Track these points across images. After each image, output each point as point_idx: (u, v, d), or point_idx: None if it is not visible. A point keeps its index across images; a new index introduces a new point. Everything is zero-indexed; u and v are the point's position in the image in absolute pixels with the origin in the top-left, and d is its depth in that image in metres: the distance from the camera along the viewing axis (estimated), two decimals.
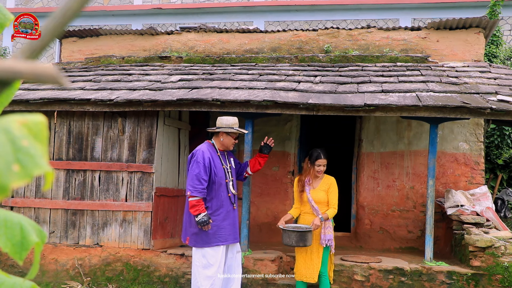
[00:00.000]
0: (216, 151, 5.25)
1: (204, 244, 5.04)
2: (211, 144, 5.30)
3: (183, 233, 5.25)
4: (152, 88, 6.66)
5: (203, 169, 5.01)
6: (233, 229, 5.20)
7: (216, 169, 5.13)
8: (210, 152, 5.17)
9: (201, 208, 4.95)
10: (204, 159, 5.04)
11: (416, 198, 7.51)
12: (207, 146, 5.24)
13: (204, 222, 4.93)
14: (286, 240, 5.12)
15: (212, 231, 5.02)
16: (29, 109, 6.40)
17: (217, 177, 5.12)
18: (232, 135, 5.25)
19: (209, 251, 5.04)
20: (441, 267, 5.85)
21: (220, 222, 5.09)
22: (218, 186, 5.13)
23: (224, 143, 5.26)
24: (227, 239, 5.11)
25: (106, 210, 6.49)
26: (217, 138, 5.29)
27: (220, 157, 5.24)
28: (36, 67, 0.69)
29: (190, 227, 5.10)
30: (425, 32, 8.11)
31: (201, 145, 5.27)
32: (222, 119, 5.27)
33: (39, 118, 0.71)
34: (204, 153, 5.09)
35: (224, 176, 5.20)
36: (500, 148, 10.08)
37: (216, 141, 5.29)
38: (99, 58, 8.68)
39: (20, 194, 6.73)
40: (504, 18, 13.66)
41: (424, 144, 7.44)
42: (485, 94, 6.06)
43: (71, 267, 6.44)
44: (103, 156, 6.60)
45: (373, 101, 5.79)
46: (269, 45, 8.55)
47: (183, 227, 5.25)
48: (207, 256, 5.04)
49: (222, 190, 5.17)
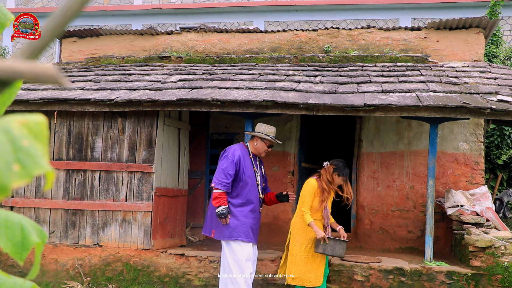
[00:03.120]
0: (249, 153, 5.41)
1: (225, 237, 5.19)
2: (245, 146, 5.49)
3: (207, 226, 5.40)
4: (152, 88, 6.66)
5: (231, 165, 5.19)
6: (255, 230, 5.33)
7: (246, 168, 5.29)
8: (242, 151, 5.34)
9: (223, 201, 5.15)
10: (234, 156, 5.24)
11: (416, 198, 7.51)
12: (240, 147, 5.45)
13: (223, 215, 5.12)
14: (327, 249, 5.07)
15: (233, 225, 5.18)
16: (29, 109, 6.40)
17: (245, 176, 5.27)
18: (266, 142, 5.43)
19: (234, 246, 5.18)
20: (441, 267, 5.85)
21: (242, 218, 5.22)
22: (245, 184, 5.27)
23: (257, 148, 5.43)
24: (248, 236, 5.22)
25: (106, 210, 6.49)
26: (252, 142, 5.49)
27: (252, 160, 5.40)
28: (36, 67, 0.69)
29: (217, 220, 5.25)
30: (425, 32, 8.10)
31: (235, 145, 5.51)
32: (261, 125, 5.47)
33: (39, 118, 0.71)
34: (236, 151, 5.29)
35: (254, 177, 5.35)
36: (500, 148, 10.08)
37: (251, 145, 5.48)
38: (99, 58, 8.68)
39: (20, 194, 6.73)
40: (504, 18, 13.65)
41: (424, 144, 7.44)
42: (485, 94, 6.06)
43: (71, 267, 6.44)
44: (103, 156, 6.60)
45: (373, 101, 5.79)
46: (269, 45, 8.55)
47: (208, 220, 5.40)
48: (234, 250, 5.17)
49: (251, 190, 5.31)
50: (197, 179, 8.10)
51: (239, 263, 5.14)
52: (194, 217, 7.99)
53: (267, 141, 5.43)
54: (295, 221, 5.34)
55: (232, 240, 5.18)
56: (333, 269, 5.96)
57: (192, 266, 6.24)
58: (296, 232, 5.28)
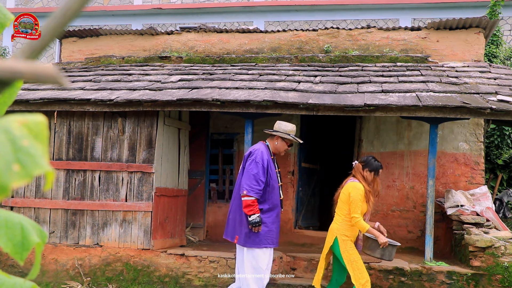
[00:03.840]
0: (270, 153, 5.23)
1: (254, 244, 4.99)
2: (266, 146, 5.26)
3: (229, 231, 5.18)
4: (152, 88, 6.66)
5: (262, 170, 4.98)
6: (278, 233, 5.22)
7: (272, 172, 5.12)
8: (266, 153, 5.15)
9: (256, 208, 4.92)
10: (263, 160, 5.02)
11: (416, 198, 7.51)
12: (264, 148, 5.19)
13: (257, 223, 4.91)
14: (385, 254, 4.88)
15: (263, 233, 5.00)
16: (29, 109, 6.40)
17: (272, 180, 5.11)
18: (287, 141, 5.22)
19: (259, 253, 5.00)
20: (441, 267, 5.85)
21: (270, 225, 5.07)
22: (271, 189, 5.10)
23: (278, 147, 5.23)
24: (273, 241, 5.10)
25: (106, 210, 6.49)
26: (272, 140, 5.26)
27: (273, 160, 5.24)
28: (36, 67, 0.69)
29: (241, 226, 5.05)
30: (425, 32, 8.10)
31: (258, 145, 5.23)
32: (281, 123, 5.25)
33: (39, 118, 0.71)
34: (263, 154, 5.07)
35: (277, 179, 5.20)
36: (500, 148, 10.08)
37: (271, 144, 5.26)
38: (99, 58, 8.68)
39: (20, 194, 6.73)
40: (504, 18, 13.65)
41: (424, 144, 7.44)
42: (485, 94, 6.06)
43: (71, 267, 6.44)
44: (103, 156, 6.60)
45: (373, 101, 5.79)
46: (269, 45, 8.55)
47: (231, 225, 5.17)
48: (258, 258, 5.00)
49: (275, 193, 5.14)
50: (197, 179, 8.10)
51: (259, 270, 4.99)
52: (194, 217, 7.99)
53: (288, 140, 5.22)
54: (339, 227, 4.93)
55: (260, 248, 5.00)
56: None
57: (192, 266, 6.24)
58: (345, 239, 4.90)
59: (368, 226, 4.76)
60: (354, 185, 4.91)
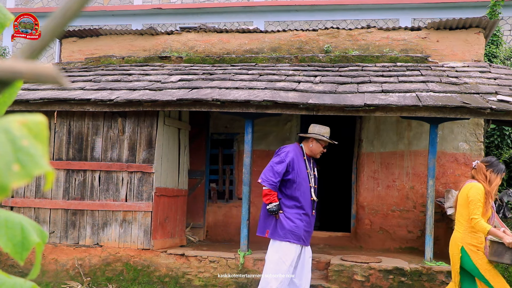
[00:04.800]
0: (303, 155, 5.30)
1: (279, 237, 5.11)
2: (300, 147, 5.36)
3: (260, 227, 5.26)
4: (152, 88, 6.66)
5: (281, 165, 5.09)
6: (307, 233, 5.24)
7: (300, 170, 5.18)
8: (296, 153, 5.23)
9: (273, 197, 5.06)
10: (287, 156, 5.13)
11: (416, 198, 7.51)
12: (295, 148, 5.31)
13: (274, 212, 5.06)
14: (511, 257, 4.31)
15: (288, 227, 5.08)
16: (29, 109, 6.40)
17: (299, 178, 5.16)
18: (322, 143, 5.30)
19: (283, 247, 5.08)
20: (441, 267, 5.85)
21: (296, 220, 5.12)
22: (298, 186, 5.16)
23: (313, 149, 5.31)
24: (299, 239, 5.13)
25: (106, 210, 6.49)
26: (306, 143, 5.36)
27: (306, 161, 5.29)
28: (36, 67, 0.69)
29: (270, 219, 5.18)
30: (425, 32, 8.10)
31: (289, 145, 5.40)
32: (315, 126, 5.33)
33: (39, 118, 0.71)
34: (289, 152, 5.17)
35: (307, 179, 5.24)
36: (500, 148, 10.07)
37: (305, 146, 5.35)
38: (99, 58, 8.68)
39: (20, 194, 6.73)
40: (504, 18, 13.65)
41: (424, 144, 7.44)
42: (485, 94, 6.06)
43: (71, 267, 6.44)
44: (103, 156, 6.60)
45: (373, 101, 5.79)
46: (269, 45, 8.55)
47: (262, 221, 5.27)
48: (280, 252, 5.08)
49: (303, 192, 5.19)
50: (197, 179, 8.10)
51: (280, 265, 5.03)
52: (194, 217, 7.99)
53: (323, 142, 5.31)
54: (463, 236, 4.56)
55: (284, 241, 5.09)
56: (333, 269, 5.96)
57: (192, 266, 6.24)
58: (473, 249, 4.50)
59: (489, 227, 4.35)
60: (472, 185, 4.55)
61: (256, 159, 7.82)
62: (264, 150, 8.03)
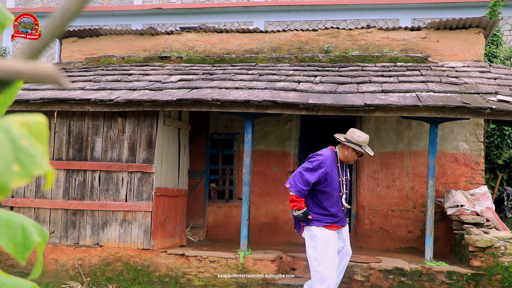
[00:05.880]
0: (337, 161, 5.11)
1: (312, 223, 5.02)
2: (334, 153, 5.14)
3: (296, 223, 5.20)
4: (152, 88, 6.66)
5: (314, 175, 4.92)
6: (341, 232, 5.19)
7: (332, 180, 5.01)
8: (331, 161, 5.04)
9: (300, 204, 4.95)
10: (321, 167, 4.95)
11: (416, 198, 7.51)
12: (330, 154, 5.09)
13: (301, 219, 4.99)
14: None
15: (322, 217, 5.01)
16: (29, 109, 6.40)
17: (331, 188, 5.02)
18: (358, 152, 5.07)
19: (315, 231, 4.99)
20: (441, 267, 5.85)
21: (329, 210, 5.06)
22: (329, 197, 5.03)
23: (347, 156, 5.09)
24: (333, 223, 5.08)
25: (106, 210, 6.49)
26: (342, 148, 5.11)
27: (338, 168, 5.11)
28: (36, 67, 0.69)
29: None
30: (425, 32, 8.10)
31: (324, 150, 5.14)
32: (354, 133, 5.06)
33: (39, 118, 0.71)
34: (324, 162, 4.98)
35: (338, 188, 5.07)
36: (500, 148, 10.07)
37: (340, 151, 5.12)
38: (99, 58, 8.68)
39: (20, 194, 6.73)
40: (504, 18, 13.65)
41: (424, 144, 7.44)
42: (485, 94, 6.06)
43: (71, 267, 6.44)
44: (103, 156, 6.60)
45: (373, 101, 5.79)
46: (269, 45, 8.55)
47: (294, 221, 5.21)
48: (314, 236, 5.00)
49: (333, 203, 5.05)
50: (197, 179, 8.10)
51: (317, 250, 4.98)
52: (194, 217, 7.99)
53: (360, 152, 5.03)
54: None
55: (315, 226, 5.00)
56: None
57: (192, 266, 6.24)
58: None
59: None
60: None
61: (256, 159, 7.82)
62: (264, 150, 8.03)
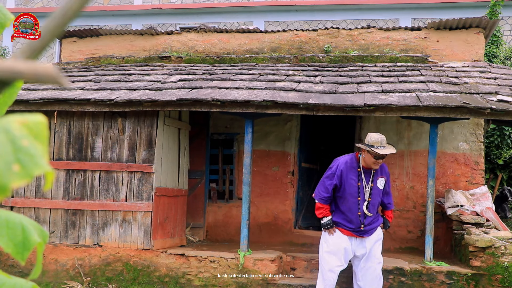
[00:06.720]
0: (358, 166, 5.02)
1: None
2: (357, 158, 5.06)
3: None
4: (152, 88, 6.66)
5: (331, 179, 4.99)
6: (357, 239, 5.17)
7: (346, 185, 4.96)
8: (349, 165, 5.00)
9: (326, 212, 5.03)
10: (336, 169, 5.00)
11: (416, 198, 7.51)
12: (350, 159, 5.07)
13: (328, 225, 5.03)
14: None
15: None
16: (29, 109, 6.40)
17: (345, 192, 4.98)
18: (372, 153, 4.86)
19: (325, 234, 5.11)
20: (441, 267, 5.85)
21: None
22: (344, 200, 5.01)
23: (366, 160, 4.95)
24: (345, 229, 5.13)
25: (106, 210, 6.49)
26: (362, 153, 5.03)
27: (360, 173, 5.00)
28: (36, 67, 0.69)
29: None
30: (425, 32, 8.10)
31: (345, 155, 5.16)
32: (367, 136, 4.97)
33: (39, 118, 0.71)
34: (340, 165, 5.00)
35: (356, 193, 4.98)
36: (500, 148, 10.07)
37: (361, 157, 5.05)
38: (99, 58, 8.68)
39: (20, 194, 6.73)
40: (504, 18, 13.66)
41: (424, 144, 7.44)
42: (485, 94, 6.06)
43: (71, 267, 6.44)
44: (103, 156, 6.60)
45: (373, 101, 5.79)
46: (269, 45, 8.54)
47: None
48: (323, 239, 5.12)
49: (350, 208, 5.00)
50: (197, 179, 8.10)
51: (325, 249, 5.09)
52: (194, 217, 7.99)
53: (373, 153, 4.85)
54: None
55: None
56: None
57: (192, 266, 6.24)
58: None
59: None
60: None
61: (256, 159, 7.82)
62: (264, 150, 8.03)
